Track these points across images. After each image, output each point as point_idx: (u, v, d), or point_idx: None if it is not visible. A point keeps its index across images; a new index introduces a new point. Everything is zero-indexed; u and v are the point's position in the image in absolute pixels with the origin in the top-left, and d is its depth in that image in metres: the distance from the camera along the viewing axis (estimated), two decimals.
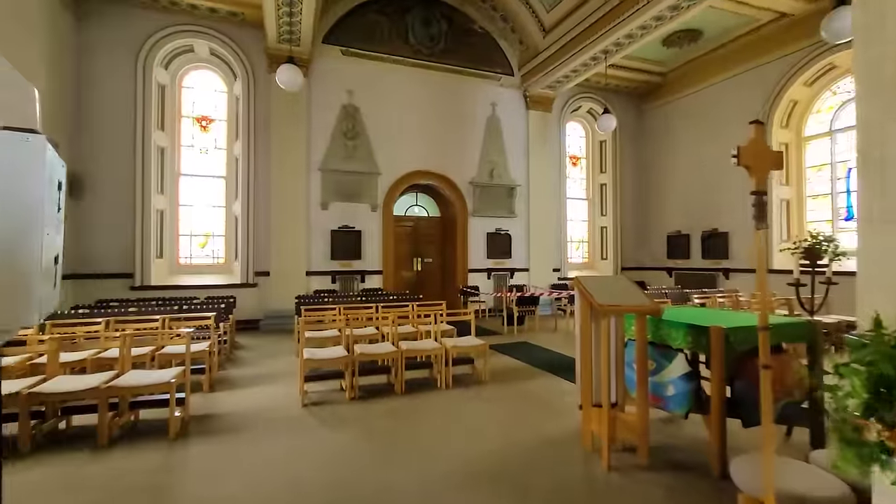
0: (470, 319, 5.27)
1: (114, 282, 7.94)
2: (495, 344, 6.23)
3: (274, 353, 6.53)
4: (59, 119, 7.27)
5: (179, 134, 8.90)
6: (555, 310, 9.56)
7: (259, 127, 8.86)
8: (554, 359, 6.01)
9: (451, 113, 10.30)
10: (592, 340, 3.00)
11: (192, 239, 8.98)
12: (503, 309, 8.66)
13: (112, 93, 7.99)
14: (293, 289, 8.73)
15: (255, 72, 8.85)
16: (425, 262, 10.80)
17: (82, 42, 7.83)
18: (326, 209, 9.26)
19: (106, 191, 7.94)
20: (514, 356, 6.15)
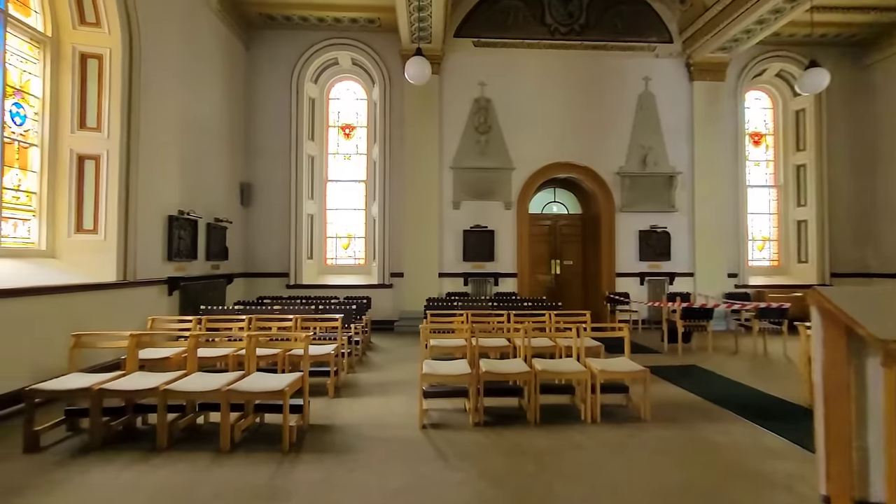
0: (624, 336, 4.21)
1: (274, 280, 8.79)
2: (654, 366, 4.98)
3: (404, 357, 6.33)
4: (234, 137, 8.29)
5: (326, 142, 9.52)
6: (731, 325, 7.60)
7: (394, 129, 8.96)
8: (743, 395, 4.52)
9: (594, 95, 9.07)
10: (855, 396, 1.82)
11: (336, 241, 9.52)
12: (661, 322, 7.18)
13: (272, 109, 8.87)
14: (426, 290, 8.57)
15: (390, 76, 8.98)
16: (564, 265, 9.73)
17: (249, 67, 8.87)
18: (458, 208, 8.92)
19: (268, 198, 8.84)
20: (681, 385, 4.83)
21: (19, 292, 4.05)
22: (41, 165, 4.96)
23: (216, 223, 7.51)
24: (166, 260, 6.19)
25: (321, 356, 4.41)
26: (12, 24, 4.61)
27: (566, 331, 4.38)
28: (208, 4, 7.32)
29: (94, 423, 3.15)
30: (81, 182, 5.17)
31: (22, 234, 4.77)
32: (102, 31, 5.21)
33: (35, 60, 4.92)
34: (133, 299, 5.50)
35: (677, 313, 6.51)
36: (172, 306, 6.31)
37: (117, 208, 5.24)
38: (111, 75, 5.26)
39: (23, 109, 4.78)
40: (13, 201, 4.67)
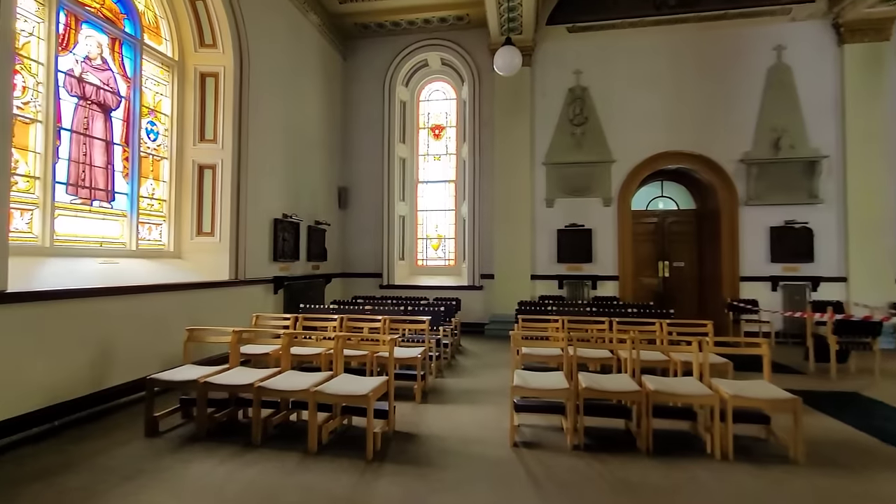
0: (762, 354, 3.45)
1: (368, 280, 9.06)
2: (801, 390, 4.06)
3: (494, 362, 6.03)
4: (332, 143, 8.71)
5: (417, 144, 9.60)
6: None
7: (484, 127, 8.72)
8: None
9: (710, 74, 7.93)
10: None
11: (427, 242, 9.54)
12: (803, 336, 5.95)
13: (366, 115, 9.17)
14: (517, 293, 8.19)
15: (479, 73, 8.76)
16: (674, 267, 8.66)
17: (346, 76, 9.26)
18: (552, 206, 8.38)
19: (362, 201, 9.14)
20: (842, 419, 3.86)
21: (151, 289, 4.54)
22: (170, 176, 5.56)
23: (316, 226, 7.92)
24: (272, 260, 6.63)
25: (408, 359, 4.29)
26: (147, 52, 5.23)
27: (683, 344, 3.73)
28: (309, 20, 7.76)
29: (200, 414, 3.34)
30: (201, 189, 5.71)
31: (155, 238, 5.39)
32: (218, 51, 5.71)
33: (165, 82, 5.54)
34: (243, 296, 5.95)
35: (828, 326, 5.32)
36: (278, 304, 6.74)
37: (230, 213, 5.70)
38: (225, 91, 5.74)
39: (156, 126, 5.40)
40: (148, 208, 5.29)
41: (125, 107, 4.98)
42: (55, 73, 4.16)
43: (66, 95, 4.33)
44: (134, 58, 5.08)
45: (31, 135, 4.00)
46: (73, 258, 4.27)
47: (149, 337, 4.48)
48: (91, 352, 3.90)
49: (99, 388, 3.95)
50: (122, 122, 4.94)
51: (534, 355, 4.47)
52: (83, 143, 4.51)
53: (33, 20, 4.02)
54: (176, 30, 5.63)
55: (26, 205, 3.97)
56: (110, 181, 4.81)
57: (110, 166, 4.80)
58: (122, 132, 4.95)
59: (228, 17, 5.65)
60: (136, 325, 4.36)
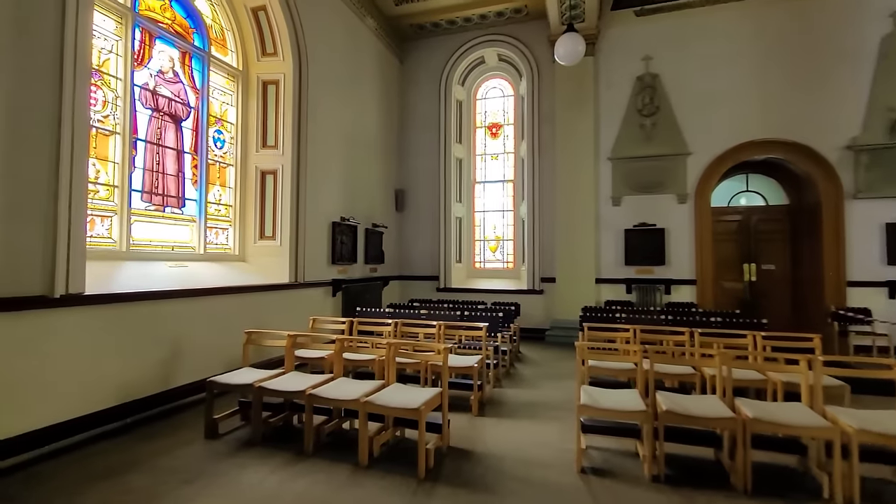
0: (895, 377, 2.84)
1: (425, 283, 8.96)
2: None
3: (556, 373, 5.64)
4: (389, 146, 8.73)
5: (474, 143, 9.38)
6: None
7: (544, 123, 8.31)
8: None
9: (805, 48, 6.96)
10: None
11: (484, 244, 9.28)
12: None
13: (423, 117, 9.09)
14: (581, 298, 7.69)
15: (539, 66, 8.37)
16: (763, 270, 7.71)
17: (403, 79, 9.25)
18: (619, 205, 7.79)
19: (419, 203, 9.07)
20: None
21: (216, 291, 4.68)
22: (235, 182, 5.77)
23: (373, 228, 7.95)
24: (330, 263, 6.70)
25: (464, 368, 4.06)
26: (214, 63, 5.45)
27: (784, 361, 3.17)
28: (366, 25, 7.81)
29: (255, 419, 3.32)
30: (263, 194, 5.87)
31: (221, 242, 5.60)
32: (278, 59, 5.85)
33: (230, 92, 5.76)
34: (303, 299, 6.04)
35: None
36: (336, 306, 6.79)
37: (289, 217, 5.80)
38: (284, 97, 5.86)
39: (222, 135, 5.63)
40: (215, 213, 5.51)
41: (194, 117, 5.22)
42: (131, 87, 4.41)
43: (141, 108, 4.59)
44: (202, 69, 5.31)
45: (110, 146, 4.26)
46: (147, 262, 4.50)
47: (214, 337, 4.62)
48: (162, 351, 4.06)
49: (168, 387, 4.11)
50: (191, 132, 5.18)
51: (602, 368, 4.07)
52: (156, 153, 4.76)
53: (112, 38, 4.28)
54: (240, 40, 5.84)
55: (106, 212, 4.23)
56: (181, 188, 5.04)
57: (181, 174, 5.04)
58: (191, 141, 5.18)
59: (287, 24, 5.77)
60: (203, 325, 4.51)
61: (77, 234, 3.33)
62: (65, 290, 3.22)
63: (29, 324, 3.05)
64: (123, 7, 4.34)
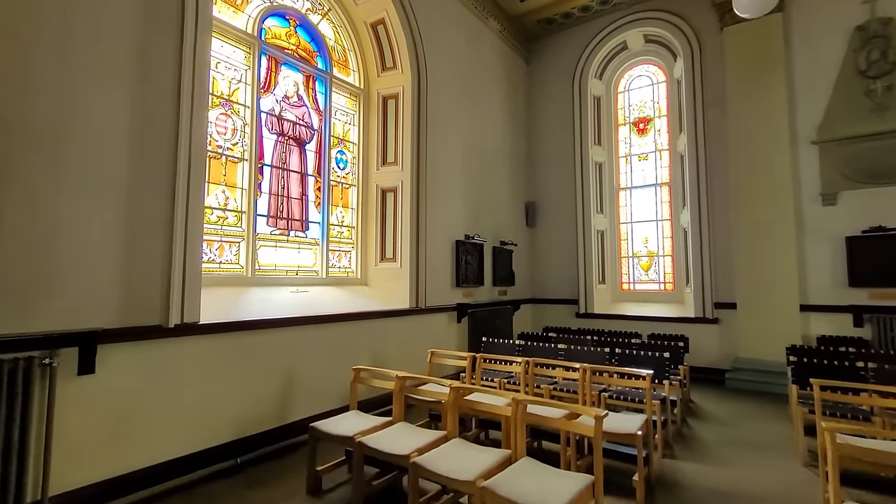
0: None
1: (561, 308, 7.83)
2: None
3: (750, 439, 4.05)
4: (517, 156, 7.96)
5: (617, 145, 8.04)
6: None
7: (709, 109, 6.63)
8: None
9: None
10: None
11: (634, 261, 7.77)
12: None
13: (554, 120, 8.12)
14: (777, 331, 5.76)
15: (700, 39, 6.76)
16: None
17: (530, 81, 8.44)
18: (834, 203, 5.68)
19: (553, 217, 8.04)
20: None
21: (333, 318, 4.40)
22: (357, 202, 5.60)
23: (501, 246, 7.19)
24: (454, 286, 6.12)
25: (622, 436, 2.94)
26: (336, 84, 5.39)
27: None
28: (489, 28, 7.26)
29: (357, 480, 2.74)
30: (384, 214, 5.57)
31: (344, 265, 5.43)
32: (397, 72, 5.58)
33: (352, 111, 5.65)
34: (425, 325, 5.52)
35: None
36: (461, 334, 6.15)
37: (409, 235, 5.38)
38: (404, 110, 5.54)
39: (344, 155, 5.52)
40: (338, 236, 5.37)
41: (317, 139, 5.17)
42: (258, 113, 4.46)
43: (267, 133, 4.63)
44: (325, 91, 5.27)
45: (238, 172, 4.32)
46: (271, 287, 4.43)
47: (331, 367, 4.31)
48: (277, 383, 3.84)
49: (283, 422, 3.86)
50: (314, 154, 5.13)
51: (860, 459, 2.55)
52: (281, 177, 4.76)
53: (241, 68, 4.39)
54: (361, 59, 5.73)
55: (234, 237, 4.26)
56: (305, 211, 4.98)
57: (304, 197, 4.98)
58: (314, 163, 5.13)
59: (406, 34, 5.47)
60: (320, 354, 4.23)
61: (192, 263, 3.24)
62: (179, 320, 3.12)
63: (144, 355, 2.98)
64: (251, 37, 4.43)
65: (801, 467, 3.48)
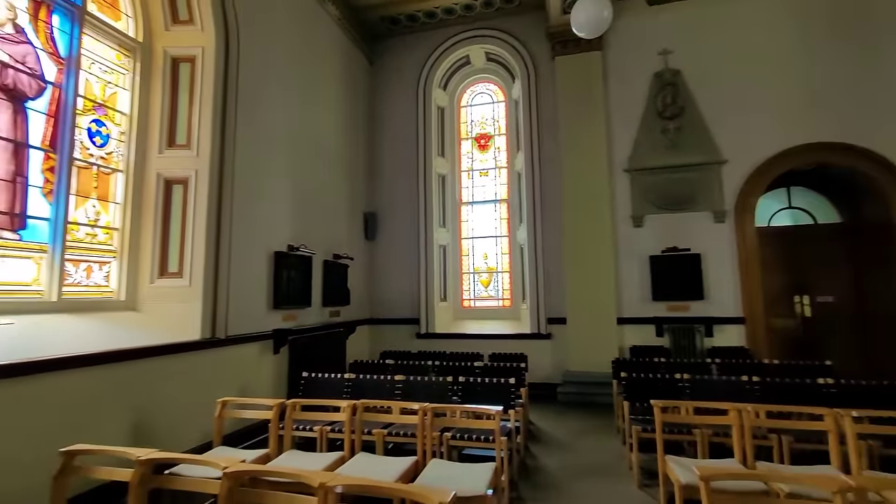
0: None
1: (402, 329, 7.18)
2: None
3: (588, 457, 3.91)
4: (357, 161, 7.13)
5: (459, 158, 7.89)
6: None
7: (544, 131, 6.89)
8: None
9: (861, 32, 5.82)
10: None
11: (474, 277, 7.63)
12: None
13: (397, 127, 7.58)
14: (600, 343, 6.08)
15: (535, 64, 7.04)
16: (819, 303, 6.28)
17: (373, 83, 7.78)
18: (641, 225, 6.32)
19: (394, 229, 7.42)
20: None
21: (61, 364, 2.84)
22: (125, 195, 4.02)
23: (335, 260, 6.22)
24: (272, 308, 4.91)
25: (468, 499, 2.30)
26: (94, 27, 3.81)
27: None
28: (327, 11, 6.37)
29: None
30: (167, 213, 4.12)
31: (97, 282, 3.78)
32: (195, 28, 4.25)
33: (124, 70, 4.10)
34: (226, 362, 4.19)
35: None
36: (279, 368, 4.95)
37: (205, 243, 4.05)
38: (203, 80, 4.23)
39: (105, 128, 3.91)
40: (88, 240, 3.72)
41: (54, 97, 3.51)
42: None
43: None
44: (73, 32, 3.65)
45: None
46: None
47: (36, 451, 2.74)
48: None
49: None
50: (46, 119, 3.46)
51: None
52: None
53: None
54: (141, 4, 4.23)
55: None
56: (20, 201, 3.27)
57: (21, 179, 3.28)
58: (46, 132, 3.46)
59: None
60: (24, 430, 2.65)
61: None
62: None
63: None
64: None
65: (637, 489, 3.38)
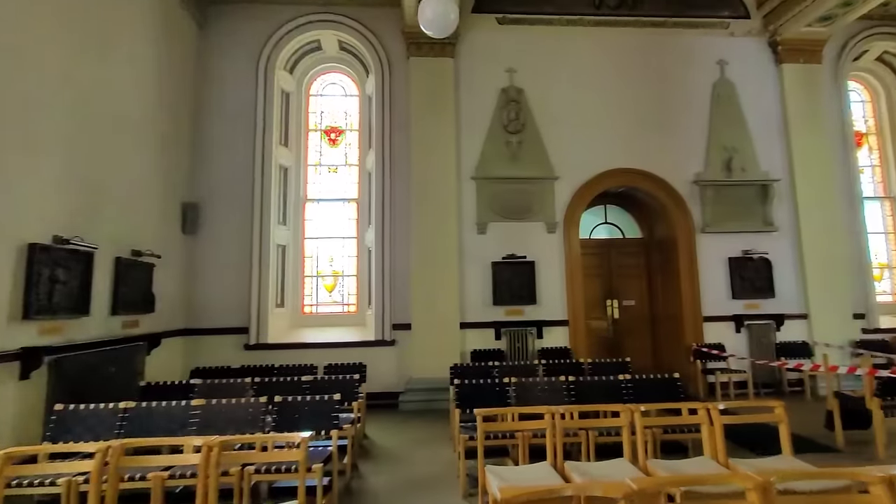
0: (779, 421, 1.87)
1: (227, 340, 6.19)
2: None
3: (419, 469, 3.73)
4: (177, 140, 5.95)
5: (306, 150, 7.21)
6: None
7: (396, 131, 6.69)
8: None
9: (657, 83, 6.95)
10: None
11: (318, 280, 7.01)
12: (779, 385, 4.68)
13: (231, 106, 6.58)
14: (443, 348, 6.07)
15: (390, 61, 6.81)
16: (625, 307, 7.28)
17: (204, 48, 6.64)
18: (485, 232, 6.53)
19: (221, 224, 6.39)
20: None
21: None
22: None
23: (134, 259, 5.02)
24: (23, 318, 3.65)
25: None
26: None
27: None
28: None
29: None
30: None
31: None
32: None
33: None
34: None
35: (868, 387, 4.01)
36: (30, 399, 3.69)
37: None
38: None
39: None
40: None
41: None
42: None
43: None
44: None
45: None
46: None
47: None
48: None
49: None
50: None
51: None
52: None
53: None
54: None
55: None
56: None
57: None
58: None
59: None
60: None
61: None
62: None
63: None
64: None
65: (461, 501, 3.29)
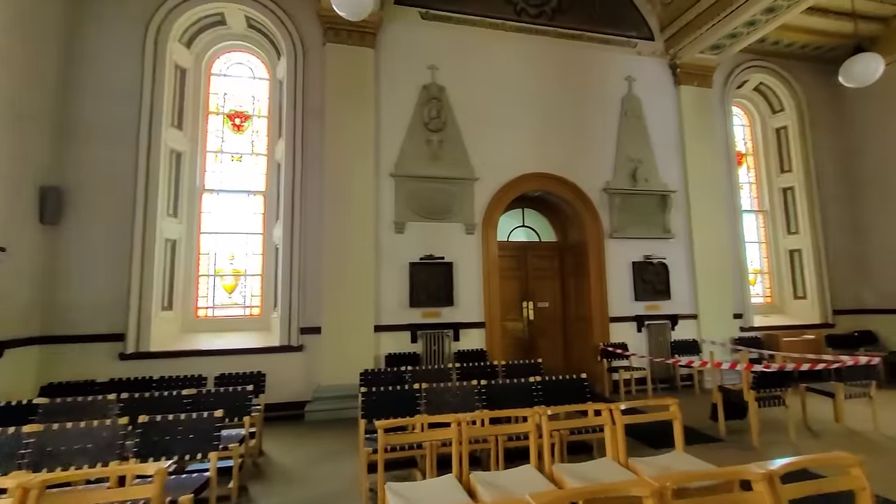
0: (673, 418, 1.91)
1: (97, 349, 5.29)
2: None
3: (320, 488, 3.38)
4: (34, 109, 4.96)
5: (205, 135, 6.45)
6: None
7: (310, 119, 6.23)
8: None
9: (573, 92, 7.22)
10: None
11: (215, 280, 6.29)
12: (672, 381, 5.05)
13: (110, 76, 5.68)
14: (356, 353, 5.72)
15: (305, 45, 6.33)
16: (539, 308, 7.44)
17: (75, 11, 5.66)
18: (402, 232, 6.29)
19: (92, 213, 5.47)
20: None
21: None
22: None
23: None
24: None
25: None
26: None
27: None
28: None
29: None
30: None
31: None
32: None
33: None
34: None
35: (745, 380, 4.39)
36: None
37: None
38: None
39: None
40: None
41: None
42: None
43: None
44: None
45: None
46: None
47: None
48: None
49: None
50: None
51: None
52: None
53: None
54: None
55: None
56: None
57: None
58: None
59: None
60: None
61: None
62: None
63: None
64: None
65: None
